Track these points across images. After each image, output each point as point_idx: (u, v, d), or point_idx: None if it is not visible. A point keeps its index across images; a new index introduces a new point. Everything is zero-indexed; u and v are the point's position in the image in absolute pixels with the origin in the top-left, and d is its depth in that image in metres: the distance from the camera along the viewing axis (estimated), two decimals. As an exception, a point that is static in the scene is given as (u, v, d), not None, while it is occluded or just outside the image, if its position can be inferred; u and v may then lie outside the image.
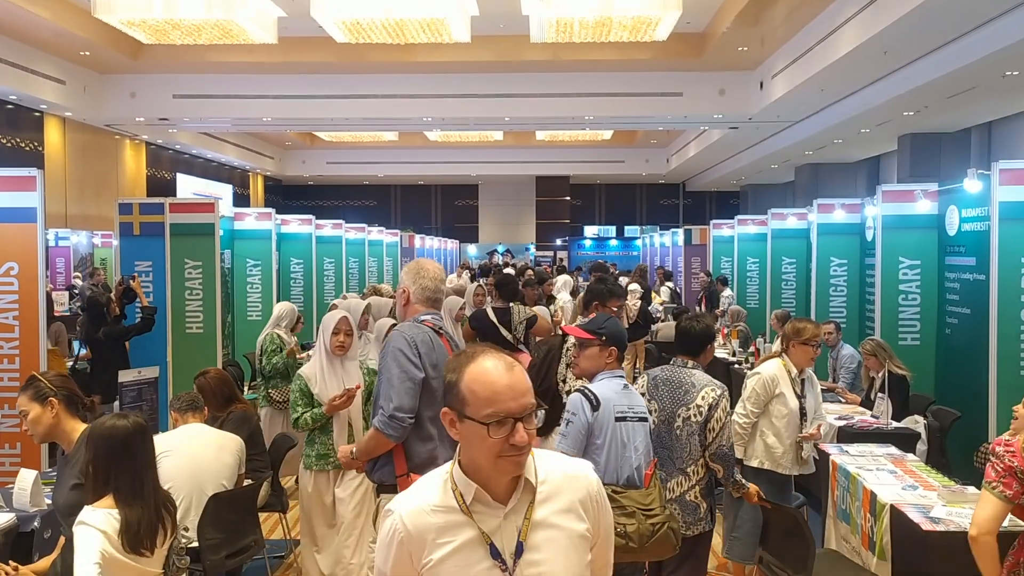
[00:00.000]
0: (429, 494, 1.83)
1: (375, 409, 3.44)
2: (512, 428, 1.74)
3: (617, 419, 3.49)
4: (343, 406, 4.45)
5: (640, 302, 10.66)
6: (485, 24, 12.33)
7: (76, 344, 8.80)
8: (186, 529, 3.17)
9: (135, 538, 2.78)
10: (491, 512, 1.80)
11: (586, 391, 3.57)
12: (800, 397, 4.67)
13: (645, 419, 3.59)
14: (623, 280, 12.75)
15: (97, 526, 2.74)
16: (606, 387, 3.58)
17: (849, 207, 8.81)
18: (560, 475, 1.86)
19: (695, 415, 3.80)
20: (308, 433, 4.56)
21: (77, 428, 3.34)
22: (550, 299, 9.63)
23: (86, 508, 2.81)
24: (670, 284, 15.45)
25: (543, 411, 4.29)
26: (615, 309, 4.71)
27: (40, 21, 11.47)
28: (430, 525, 1.79)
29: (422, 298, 3.50)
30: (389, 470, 3.39)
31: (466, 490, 1.80)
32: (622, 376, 3.66)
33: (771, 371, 4.70)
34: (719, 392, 3.82)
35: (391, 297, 9.06)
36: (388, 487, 3.39)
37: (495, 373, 1.78)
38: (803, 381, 4.74)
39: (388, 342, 3.37)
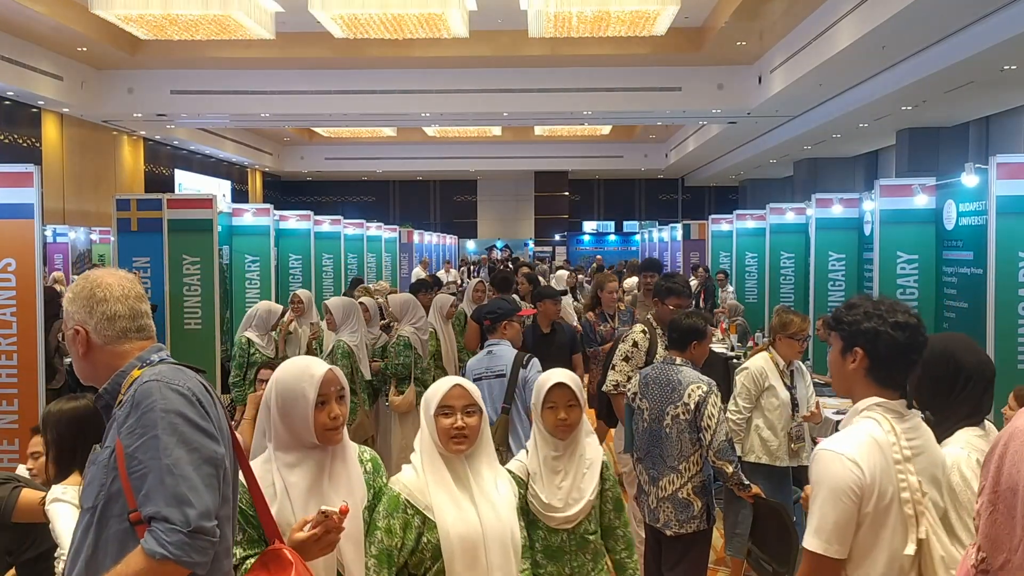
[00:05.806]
0: None
1: (111, 518, 1.89)
2: None
3: (474, 379, 4.34)
4: (322, 550, 2.22)
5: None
6: (483, 19, 12.31)
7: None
8: None
9: None
10: None
11: None
12: (790, 388, 4.69)
13: (502, 375, 4.54)
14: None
15: (72, 501, 2.77)
16: (474, 358, 4.79)
17: (847, 202, 8.80)
18: None
19: (683, 413, 3.83)
20: None
21: None
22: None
23: (55, 487, 2.83)
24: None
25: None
26: (671, 308, 4.66)
27: (38, 17, 11.45)
28: None
29: (116, 332, 2.01)
30: None
31: None
32: (492, 344, 4.68)
33: (759, 365, 4.74)
34: (705, 390, 3.83)
35: (391, 291, 9.11)
36: None
37: None
38: (792, 373, 4.77)
39: (143, 403, 1.87)
